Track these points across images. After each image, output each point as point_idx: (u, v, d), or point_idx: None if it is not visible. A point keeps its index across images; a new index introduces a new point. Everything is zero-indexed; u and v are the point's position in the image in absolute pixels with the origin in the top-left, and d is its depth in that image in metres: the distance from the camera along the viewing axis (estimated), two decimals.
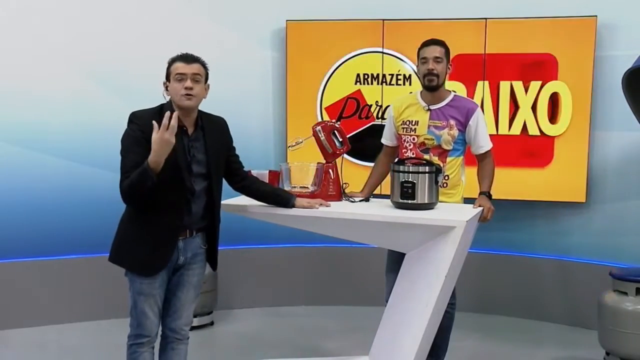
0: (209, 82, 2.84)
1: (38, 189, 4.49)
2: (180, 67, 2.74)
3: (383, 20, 4.74)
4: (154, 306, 2.80)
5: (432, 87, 3.37)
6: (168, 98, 2.80)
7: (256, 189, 3.10)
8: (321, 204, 3.12)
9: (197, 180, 2.79)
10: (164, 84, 2.81)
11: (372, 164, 3.70)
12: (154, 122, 2.57)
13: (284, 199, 3.10)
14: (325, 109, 4.91)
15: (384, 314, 3.34)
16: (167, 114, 2.58)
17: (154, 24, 4.65)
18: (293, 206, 3.09)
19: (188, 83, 2.72)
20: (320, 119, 4.80)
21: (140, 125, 2.69)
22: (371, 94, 4.86)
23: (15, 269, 4.47)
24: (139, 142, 2.66)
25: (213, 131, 2.87)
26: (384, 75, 4.82)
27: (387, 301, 3.36)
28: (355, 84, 4.86)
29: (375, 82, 4.85)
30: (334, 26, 4.83)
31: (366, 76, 4.85)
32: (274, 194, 3.13)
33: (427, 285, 2.97)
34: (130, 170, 2.64)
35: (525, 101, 4.57)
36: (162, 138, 2.55)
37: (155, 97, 2.86)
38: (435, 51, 3.33)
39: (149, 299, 2.78)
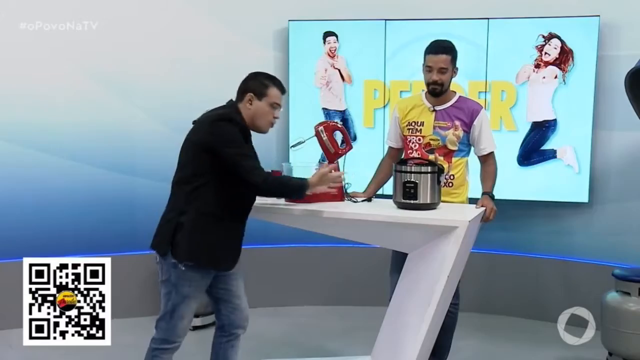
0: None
1: (41, 189, 4.48)
2: (279, 97, 2.89)
3: (385, 20, 4.73)
4: (194, 310, 2.86)
5: (435, 95, 3.39)
6: (246, 108, 2.84)
7: None
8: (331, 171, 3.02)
9: None
10: (248, 95, 2.84)
11: None
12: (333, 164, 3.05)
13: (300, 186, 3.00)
14: None
15: (387, 313, 3.34)
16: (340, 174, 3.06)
17: (155, 24, 4.64)
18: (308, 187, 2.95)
19: (278, 114, 2.90)
20: None
21: (239, 126, 2.79)
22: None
23: (18, 269, 4.47)
24: (244, 139, 2.80)
25: None
26: None
27: (389, 301, 3.36)
28: None
29: None
30: (336, 26, 4.81)
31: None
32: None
33: (429, 285, 2.97)
34: (258, 161, 2.79)
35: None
36: (332, 183, 2.94)
37: (157, 96, 2.86)
38: (441, 61, 3.31)
39: (192, 303, 2.83)
